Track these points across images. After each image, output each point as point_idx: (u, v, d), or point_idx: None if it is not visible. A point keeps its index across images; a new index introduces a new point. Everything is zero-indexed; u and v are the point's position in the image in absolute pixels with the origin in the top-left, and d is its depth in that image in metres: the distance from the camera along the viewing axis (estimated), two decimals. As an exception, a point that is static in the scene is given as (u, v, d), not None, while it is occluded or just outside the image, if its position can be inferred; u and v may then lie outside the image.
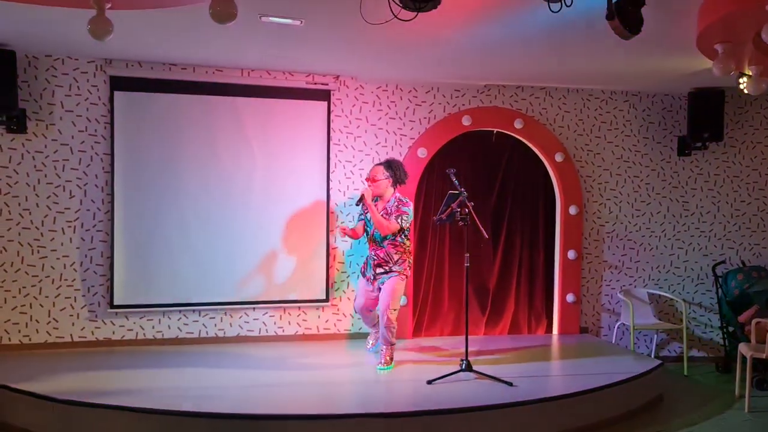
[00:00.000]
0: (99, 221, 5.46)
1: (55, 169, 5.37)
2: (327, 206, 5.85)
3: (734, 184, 6.65)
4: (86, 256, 5.44)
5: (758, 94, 4.77)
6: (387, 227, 4.94)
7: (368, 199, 4.94)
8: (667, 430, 4.59)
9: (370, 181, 5.08)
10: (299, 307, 5.88)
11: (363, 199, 4.97)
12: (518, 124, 6.22)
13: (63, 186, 5.39)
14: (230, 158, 5.66)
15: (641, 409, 4.91)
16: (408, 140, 6.10)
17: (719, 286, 6.28)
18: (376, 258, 5.05)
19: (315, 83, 5.82)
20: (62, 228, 5.39)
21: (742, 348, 5.30)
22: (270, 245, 5.76)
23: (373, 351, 5.37)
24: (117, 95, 5.43)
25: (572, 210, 6.37)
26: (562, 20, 3.93)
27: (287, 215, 5.78)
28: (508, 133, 6.30)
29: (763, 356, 5.08)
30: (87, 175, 5.43)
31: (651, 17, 3.48)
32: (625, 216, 6.54)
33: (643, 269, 6.56)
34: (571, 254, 6.36)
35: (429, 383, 4.59)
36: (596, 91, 6.45)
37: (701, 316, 6.65)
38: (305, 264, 5.83)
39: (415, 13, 3.29)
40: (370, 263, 5.11)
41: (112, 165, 5.42)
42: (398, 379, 4.83)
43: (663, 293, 6.49)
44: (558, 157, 6.33)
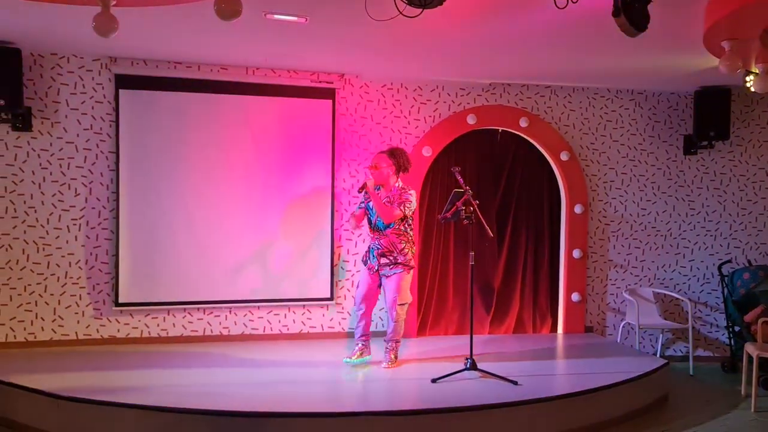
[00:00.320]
0: (104, 219, 5.46)
1: (61, 167, 5.38)
2: (331, 205, 5.85)
3: (740, 183, 6.62)
4: (91, 254, 5.45)
5: (765, 92, 4.74)
6: (390, 214, 4.84)
7: (371, 187, 4.84)
8: (672, 430, 4.57)
9: (373, 169, 4.96)
10: (304, 306, 5.88)
11: (365, 187, 4.86)
12: (523, 123, 6.21)
13: (68, 184, 5.40)
14: (235, 157, 5.66)
15: (646, 409, 4.89)
16: (413, 139, 6.09)
17: (725, 286, 6.25)
18: (380, 247, 4.93)
19: (320, 82, 5.81)
20: (67, 226, 5.40)
21: (749, 347, 5.28)
22: (274, 244, 5.76)
23: (358, 362, 4.97)
24: (122, 93, 5.43)
25: (577, 209, 6.35)
26: (568, 17, 3.92)
27: (292, 213, 5.78)
28: (513, 132, 6.28)
29: (770, 356, 5.06)
30: (92, 173, 5.44)
31: (657, 14, 3.46)
32: (631, 215, 6.51)
33: (649, 268, 6.54)
34: (576, 253, 6.34)
35: (433, 382, 4.59)
36: (602, 90, 6.43)
37: (707, 316, 6.62)
38: (310, 263, 5.83)
39: (421, 10, 3.27)
40: (373, 252, 4.98)
41: (117, 163, 5.43)
42: (403, 378, 4.82)
43: (668, 292, 6.46)
44: (563, 156, 6.31)
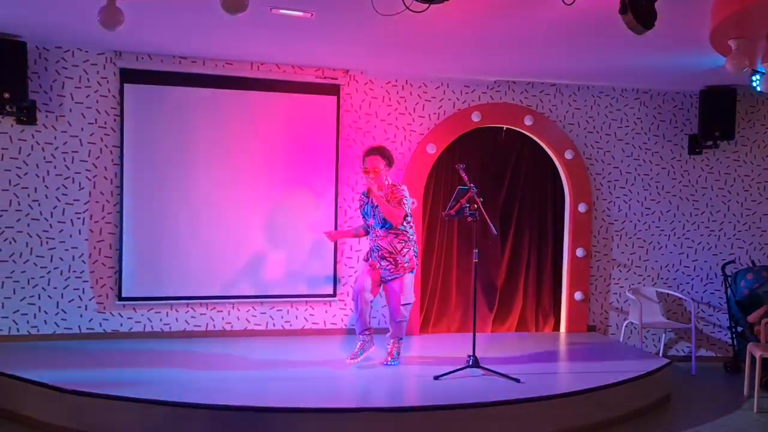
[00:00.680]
0: (108, 213, 5.47)
1: (65, 161, 5.38)
2: (335, 201, 5.84)
3: (745, 183, 6.61)
4: (95, 248, 5.45)
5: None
6: (397, 215, 4.76)
7: (375, 192, 4.78)
8: (675, 430, 4.56)
9: (372, 173, 4.86)
10: (306, 302, 5.88)
11: (370, 193, 4.81)
12: (528, 121, 6.20)
13: (72, 178, 5.40)
14: (239, 152, 5.66)
15: (649, 408, 4.88)
16: (417, 136, 6.08)
17: (728, 286, 6.24)
18: (380, 249, 4.88)
19: (325, 78, 5.81)
20: (71, 219, 5.40)
21: (751, 348, 5.26)
22: (278, 240, 5.76)
23: (362, 355, 4.94)
24: (127, 88, 5.43)
25: (581, 208, 6.34)
26: (575, 14, 3.91)
27: (296, 210, 5.78)
28: (518, 130, 6.27)
29: (773, 356, 5.05)
30: (96, 167, 5.44)
31: (664, 12, 3.45)
32: (635, 214, 6.50)
33: (652, 268, 6.53)
34: (580, 252, 6.33)
35: (436, 379, 4.58)
36: (607, 89, 6.41)
37: (710, 316, 6.61)
38: (313, 259, 5.83)
39: (427, 5, 3.27)
40: (375, 255, 4.93)
41: (122, 157, 5.43)
42: (405, 375, 4.82)
43: (672, 292, 6.45)
44: (568, 155, 6.29)
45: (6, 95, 4.97)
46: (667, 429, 4.57)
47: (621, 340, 6.33)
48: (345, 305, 5.96)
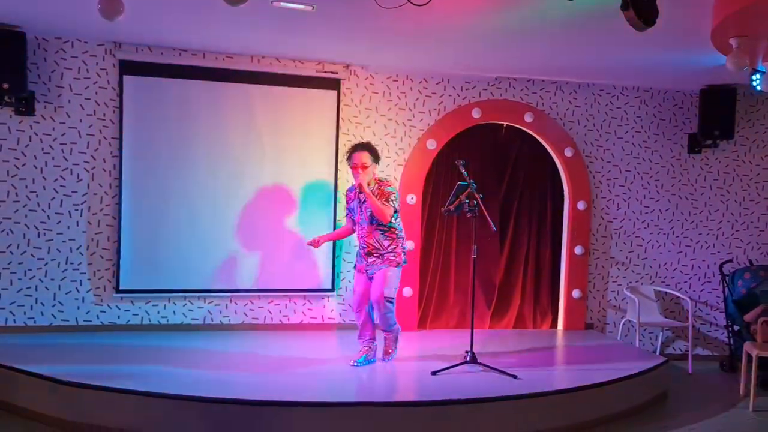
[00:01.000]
0: (106, 205, 5.45)
1: (63, 152, 5.37)
2: (334, 195, 5.83)
3: (744, 183, 6.61)
4: (93, 240, 5.44)
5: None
6: (386, 212, 4.66)
7: (366, 189, 4.64)
8: (671, 427, 4.57)
9: (360, 169, 4.71)
10: (304, 296, 5.88)
11: (362, 189, 4.65)
12: (528, 118, 6.19)
13: (70, 169, 5.38)
14: (239, 145, 5.65)
15: (645, 406, 4.89)
16: (417, 131, 6.07)
17: (726, 285, 6.25)
18: (366, 246, 4.76)
19: (325, 72, 5.79)
20: (69, 211, 5.39)
21: (748, 347, 5.28)
22: (277, 233, 5.75)
23: (362, 362, 4.82)
24: (126, 79, 5.41)
25: (581, 205, 6.34)
26: (576, 11, 3.91)
27: (295, 203, 5.77)
28: (518, 127, 6.27)
29: (770, 355, 5.06)
30: (95, 159, 5.43)
31: (666, 9, 3.45)
32: (634, 212, 6.50)
33: (650, 266, 6.53)
34: (579, 250, 6.33)
35: (434, 374, 4.59)
36: (607, 87, 6.41)
37: (707, 315, 6.62)
38: (311, 253, 5.81)
39: (429, -1, 3.26)
40: (361, 253, 4.83)
41: (121, 149, 5.42)
42: (403, 370, 4.82)
43: (669, 291, 6.46)
44: (567, 152, 6.29)
45: (5, 86, 4.95)
46: (664, 427, 4.57)
47: (618, 338, 6.34)
48: (343, 300, 5.96)
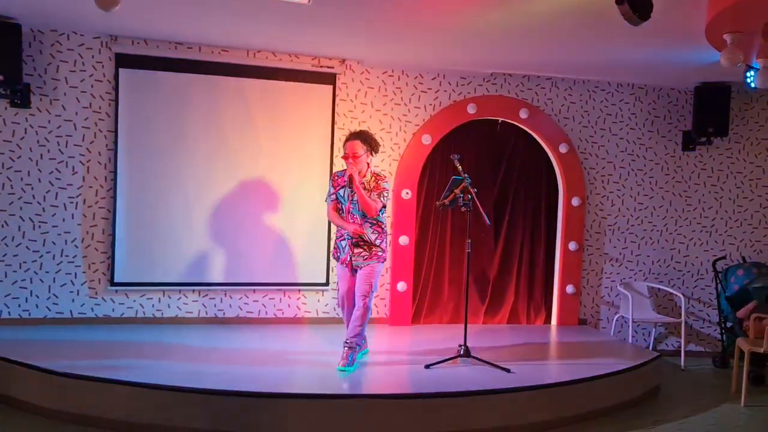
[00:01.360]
0: (101, 198, 5.45)
1: (58, 145, 5.36)
2: (329, 190, 5.83)
3: (737, 180, 6.65)
4: (88, 233, 5.44)
5: (765, 89, 4.75)
6: (374, 207, 4.56)
7: (357, 180, 4.54)
8: (663, 422, 4.60)
9: (351, 158, 4.58)
10: (299, 290, 5.89)
11: (353, 181, 4.54)
12: (523, 114, 6.21)
13: (66, 162, 5.38)
14: (234, 138, 5.65)
15: (638, 400, 4.92)
16: (413, 127, 6.09)
17: (719, 282, 6.28)
18: (352, 237, 4.63)
19: (321, 66, 5.80)
20: (64, 204, 5.39)
21: (740, 343, 5.31)
22: (272, 227, 5.76)
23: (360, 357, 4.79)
24: (122, 72, 5.41)
25: (575, 201, 6.36)
26: (571, 6, 3.92)
27: (290, 198, 5.78)
28: (513, 123, 6.28)
29: (761, 351, 5.10)
30: (90, 152, 5.42)
31: (660, 5, 3.47)
32: (628, 209, 6.53)
33: (644, 263, 6.57)
34: (573, 246, 6.36)
35: (427, 368, 4.61)
36: (602, 83, 6.43)
37: (700, 311, 6.66)
38: (306, 247, 5.83)
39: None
40: (345, 244, 4.67)
41: (116, 142, 5.41)
42: (396, 363, 4.84)
43: (663, 287, 6.49)
44: (562, 148, 6.31)
45: (0, 78, 4.94)
46: (656, 421, 4.60)
47: (611, 334, 6.37)
48: (338, 294, 5.96)
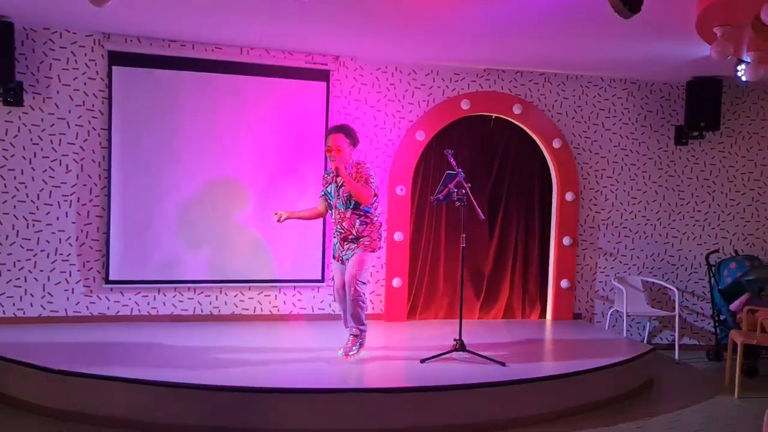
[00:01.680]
0: (95, 196, 5.45)
1: (52, 143, 5.35)
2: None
3: (729, 174, 6.69)
4: (82, 231, 5.43)
5: (756, 82, 4.79)
6: (366, 194, 4.55)
7: (343, 172, 4.54)
8: (657, 414, 4.63)
9: (336, 152, 4.60)
10: (294, 287, 5.90)
11: (339, 172, 4.56)
12: (517, 110, 6.23)
13: (59, 160, 5.37)
14: (228, 136, 5.65)
15: (632, 393, 4.95)
16: (406, 123, 6.10)
17: (712, 275, 6.32)
18: (342, 231, 4.66)
19: (314, 63, 5.81)
20: (58, 202, 5.38)
21: (734, 335, 5.35)
22: (266, 224, 5.74)
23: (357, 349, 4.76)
24: (115, 70, 5.41)
25: (569, 196, 6.38)
26: (563, 2, 3.94)
27: (284, 194, 5.78)
28: (507, 119, 6.30)
29: (754, 343, 5.13)
30: (84, 150, 5.42)
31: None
32: (621, 204, 6.56)
33: (638, 257, 6.60)
34: (567, 241, 6.39)
35: (422, 362, 4.62)
36: (595, 79, 6.46)
37: (693, 305, 6.70)
38: (301, 244, 5.84)
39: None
40: (337, 238, 4.74)
41: (110, 140, 5.41)
42: (392, 358, 4.86)
43: (657, 281, 6.52)
44: (556, 144, 6.34)
45: (-8, 76, 4.94)
46: (650, 413, 4.63)
47: (606, 329, 6.40)
48: (333, 290, 5.97)
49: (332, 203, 4.75)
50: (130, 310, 5.56)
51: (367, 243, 4.65)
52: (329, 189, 4.77)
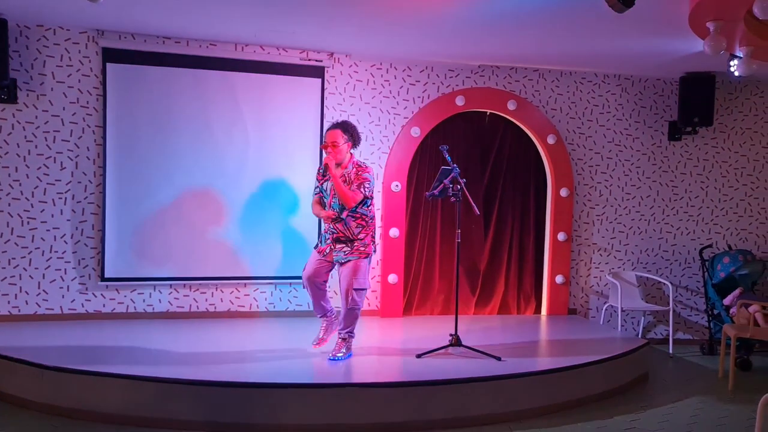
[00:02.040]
0: (90, 193, 5.44)
1: (46, 140, 5.34)
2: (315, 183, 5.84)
3: (722, 169, 6.73)
4: (77, 229, 5.42)
5: (748, 76, 4.82)
6: (352, 198, 4.41)
7: (333, 169, 4.43)
8: (652, 407, 4.66)
9: (330, 148, 4.47)
10: (290, 284, 5.90)
11: (328, 169, 4.46)
12: (511, 106, 6.25)
13: (54, 157, 5.36)
14: (223, 133, 5.65)
15: (627, 387, 4.98)
16: (401, 119, 6.11)
17: (706, 270, 6.36)
18: (336, 231, 4.51)
19: (309, 60, 5.81)
20: (52, 199, 5.37)
21: (727, 329, 5.38)
22: (262, 221, 5.76)
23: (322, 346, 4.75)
24: (109, 67, 5.39)
25: (563, 192, 6.41)
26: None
27: (279, 191, 5.79)
28: (501, 115, 6.32)
29: (747, 336, 5.17)
30: (78, 147, 5.41)
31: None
32: (615, 199, 6.59)
33: (632, 252, 6.63)
34: (561, 236, 6.41)
35: (418, 357, 4.64)
36: (589, 75, 6.48)
37: (687, 300, 6.73)
38: (296, 240, 5.84)
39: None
40: (327, 237, 4.58)
41: (104, 137, 5.40)
42: (388, 353, 4.87)
43: (651, 276, 6.56)
44: (550, 140, 6.36)
45: (-14, 73, 4.92)
46: (644, 406, 4.66)
47: (601, 323, 6.43)
48: (329, 288, 5.97)
49: (326, 201, 4.61)
50: (126, 308, 5.56)
51: (362, 248, 4.53)
52: (325, 186, 4.63)
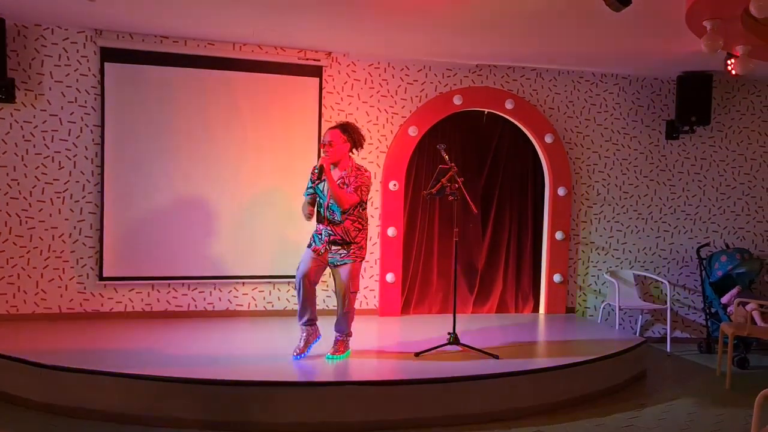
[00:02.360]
0: (88, 193, 5.44)
1: (44, 140, 5.34)
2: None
3: (720, 168, 6.74)
4: (75, 228, 5.42)
5: (745, 75, 4.82)
6: (347, 200, 4.37)
7: (329, 168, 4.36)
8: (649, 404, 4.67)
9: (327, 147, 4.42)
10: (289, 282, 5.90)
11: (323, 171, 4.36)
12: (509, 105, 6.26)
13: (52, 157, 5.36)
14: (221, 132, 5.65)
15: (625, 385, 4.99)
16: (399, 119, 6.12)
17: (703, 268, 6.37)
18: (332, 233, 4.48)
19: (307, 59, 5.81)
20: (51, 199, 5.37)
21: (725, 327, 5.39)
22: (260, 220, 5.77)
23: (303, 357, 4.56)
24: (108, 67, 5.40)
25: (561, 191, 6.42)
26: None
27: (277, 190, 5.79)
28: (499, 114, 6.33)
29: (745, 334, 5.18)
30: (76, 147, 5.41)
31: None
32: (613, 198, 6.60)
33: (630, 251, 6.64)
34: (559, 235, 6.42)
35: (416, 355, 4.65)
36: (587, 74, 6.50)
37: (685, 298, 6.75)
38: (295, 240, 5.83)
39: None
40: (322, 237, 4.52)
41: (102, 137, 5.40)
42: (386, 351, 4.89)
43: (648, 275, 6.57)
44: (548, 139, 6.37)
45: (-16, 72, 4.93)
46: (642, 404, 4.67)
47: (599, 322, 6.45)
48: (327, 287, 5.99)
49: (323, 202, 4.52)
50: (124, 307, 5.56)
51: (357, 251, 4.52)
52: (321, 186, 4.53)
